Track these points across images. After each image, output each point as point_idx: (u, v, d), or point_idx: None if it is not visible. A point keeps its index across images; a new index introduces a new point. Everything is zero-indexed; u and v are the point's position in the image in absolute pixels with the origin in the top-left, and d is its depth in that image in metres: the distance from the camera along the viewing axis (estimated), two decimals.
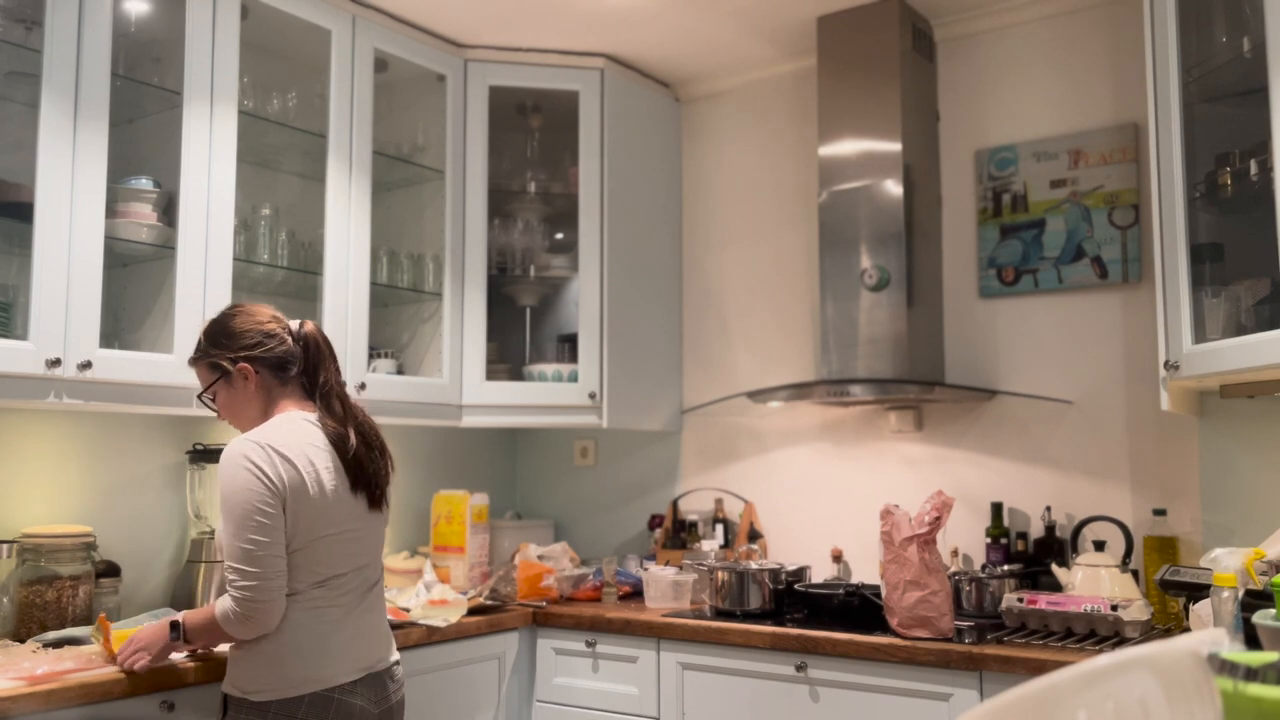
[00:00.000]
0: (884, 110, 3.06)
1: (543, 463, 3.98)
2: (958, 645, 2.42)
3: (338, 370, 2.21)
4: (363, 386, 2.97)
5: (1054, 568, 2.74)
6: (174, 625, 2.09)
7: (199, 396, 2.19)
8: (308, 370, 2.15)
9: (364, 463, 2.11)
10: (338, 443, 2.08)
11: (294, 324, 2.19)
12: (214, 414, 2.20)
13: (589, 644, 2.97)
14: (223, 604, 1.98)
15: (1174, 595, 2.47)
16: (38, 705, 1.97)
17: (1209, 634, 0.75)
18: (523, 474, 4.03)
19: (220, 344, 2.13)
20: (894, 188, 3.02)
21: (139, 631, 2.14)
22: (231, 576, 1.95)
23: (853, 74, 3.13)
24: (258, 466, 1.97)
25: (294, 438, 2.04)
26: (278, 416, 2.10)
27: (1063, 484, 2.97)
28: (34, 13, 2.40)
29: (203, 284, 2.62)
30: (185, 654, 2.23)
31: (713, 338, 3.66)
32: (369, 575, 2.14)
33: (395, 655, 2.20)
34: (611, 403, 3.37)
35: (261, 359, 2.11)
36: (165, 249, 2.60)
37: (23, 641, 2.38)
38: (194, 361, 2.18)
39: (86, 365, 2.35)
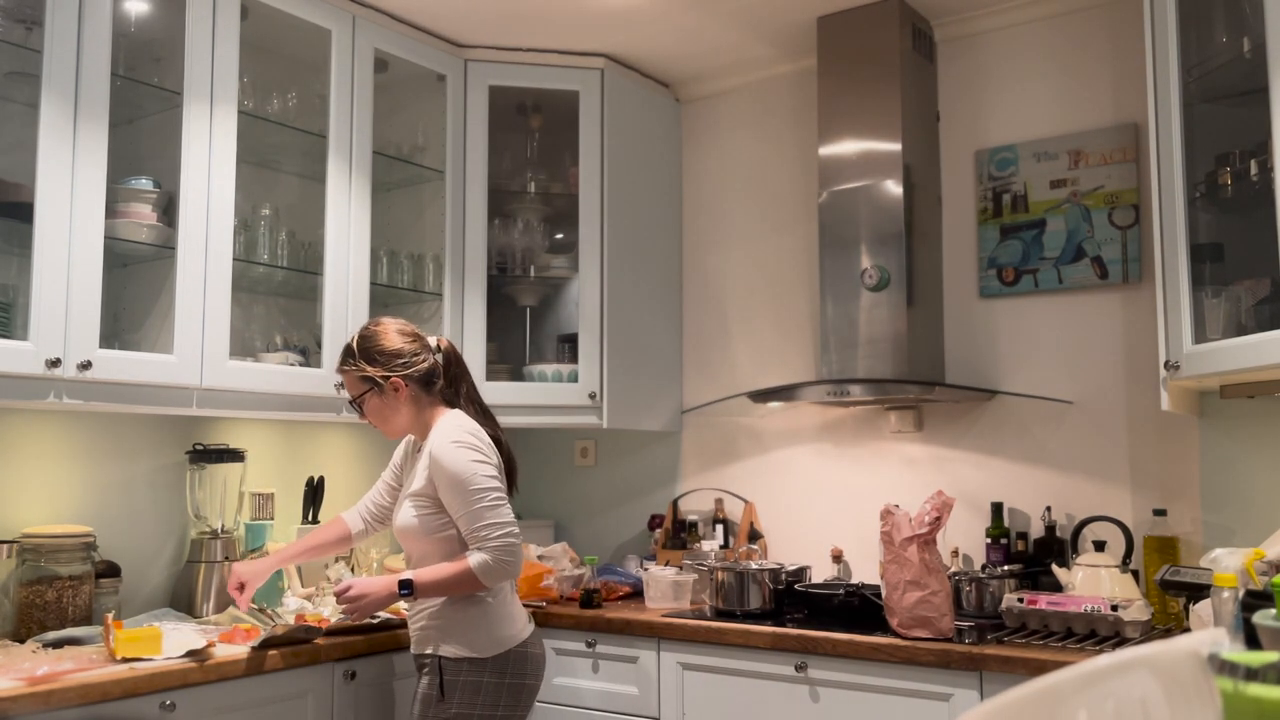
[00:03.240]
0: (884, 110, 3.06)
1: (543, 463, 3.98)
2: (958, 645, 2.42)
3: (473, 382, 2.53)
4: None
5: (1054, 568, 2.74)
6: (404, 584, 2.29)
7: (350, 403, 2.45)
8: (450, 382, 2.45)
9: (513, 460, 2.49)
10: (498, 442, 2.42)
11: (432, 340, 2.47)
12: (360, 418, 2.47)
13: (589, 644, 2.97)
14: (476, 557, 2.25)
15: (1174, 595, 2.47)
16: (38, 705, 1.97)
17: (1209, 634, 0.75)
18: (523, 474, 4.01)
19: (373, 359, 2.39)
20: (894, 188, 3.02)
21: (358, 581, 2.33)
22: (485, 532, 2.25)
23: (853, 74, 3.13)
24: (476, 448, 2.31)
25: (481, 431, 2.38)
26: (454, 418, 2.39)
27: (1063, 484, 2.97)
28: (34, 13, 2.40)
29: (203, 284, 2.62)
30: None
31: (713, 338, 3.66)
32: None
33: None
34: (611, 403, 3.37)
35: (411, 374, 2.38)
36: (165, 249, 2.60)
37: (23, 641, 2.38)
38: (345, 372, 2.45)
39: (86, 365, 2.35)
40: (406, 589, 2.28)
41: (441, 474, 2.29)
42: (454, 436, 2.32)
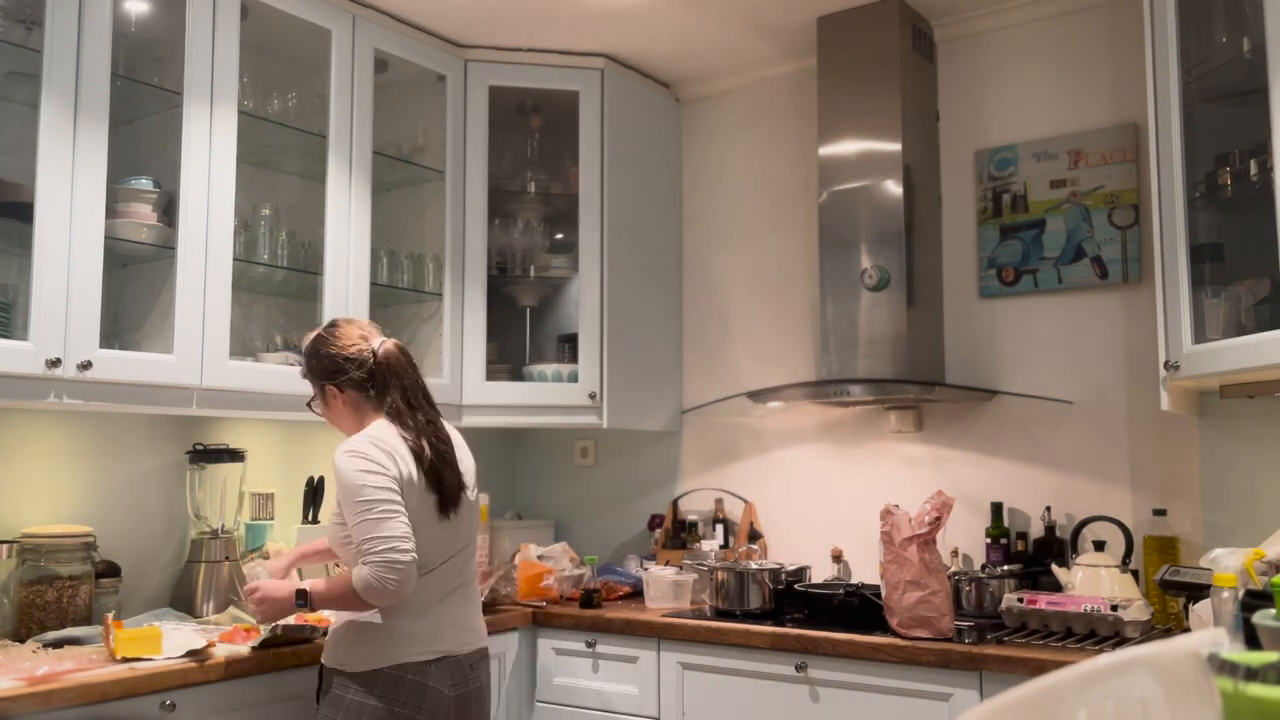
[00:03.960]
0: (884, 110, 3.06)
1: (543, 463, 3.98)
2: (958, 645, 2.42)
3: (413, 386, 2.32)
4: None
5: (1054, 568, 2.74)
6: (300, 594, 2.19)
7: (307, 404, 2.41)
8: (379, 388, 2.29)
9: (440, 473, 2.25)
10: (417, 453, 2.24)
11: (376, 342, 2.32)
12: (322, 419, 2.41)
13: (589, 644, 2.97)
14: (359, 573, 2.09)
15: (1174, 595, 2.47)
16: (38, 705, 1.97)
17: (1209, 634, 0.75)
18: (523, 474, 4.03)
19: (313, 369, 2.34)
20: (894, 188, 3.02)
21: (266, 584, 2.25)
22: (367, 546, 2.09)
23: (853, 74, 3.13)
24: (369, 457, 2.15)
25: (390, 441, 2.21)
26: (370, 426, 2.26)
27: (1063, 484, 2.97)
28: (34, 13, 2.40)
29: (203, 284, 2.62)
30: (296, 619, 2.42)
31: (713, 338, 3.66)
32: (449, 574, 2.27)
33: (482, 644, 2.35)
34: (611, 403, 3.37)
35: (345, 382, 2.29)
36: (165, 249, 2.60)
37: (23, 641, 2.38)
38: (302, 375, 2.40)
39: (86, 365, 2.35)
40: (302, 600, 2.19)
41: (336, 485, 2.17)
42: (347, 446, 2.18)
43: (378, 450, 2.17)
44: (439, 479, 2.24)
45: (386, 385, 2.29)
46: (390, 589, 2.08)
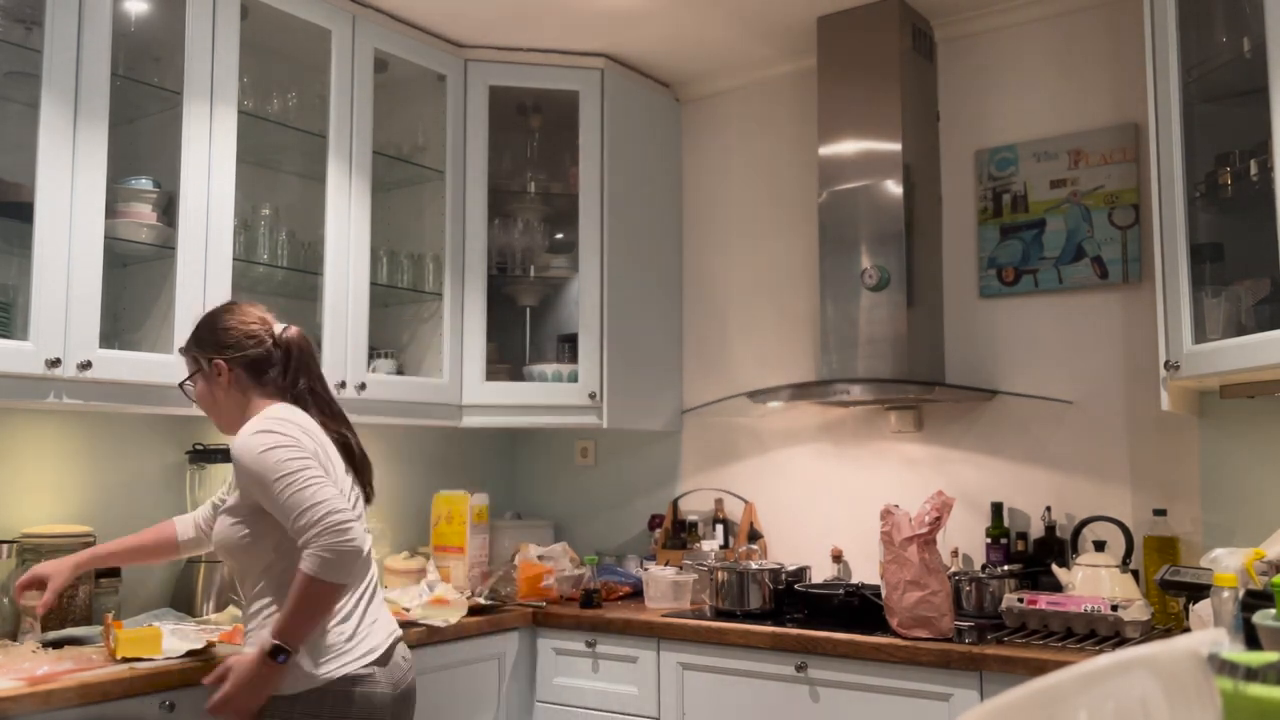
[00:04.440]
0: (884, 110, 3.06)
1: (543, 463, 3.97)
2: (958, 645, 2.42)
3: (321, 376, 2.23)
4: (362, 387, 2.97)
5: (1054, 568, 2.74)
6: (276, 651, 1.92)
7: (180, 385, 2.24)
8: (286, 374, 2.17)
9: (364, 466, 2.19)
10: (343, 445, 2.15)
11: (279, 327, 2.21)
12: (192, 403, 2.23)
13: (589, 644, 2.97)
14: (306, 558, 1.91)
15: (1174, 595, 2.47)
16: (38, 705, 1.97)
17: (1209, 634, 0.75)
18: (523, 474, 4.03)
19: (202, 340, 2.18)
20: (894, 188, 3.02)
21: (232, 680, 1.97)
22: (303, 520, 1.91)
23: (853, 74, 3.13)
24: (282, 432, 2.00)
25: (300, 421, 2.08)
26: (270, 408, 2.10)
27: (1063, 484, 2.97)
28: (34, 13, 2.40)
29: (203, 284, 2.62)
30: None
31: (713, 338, 3.66)
32: (373, 569, 2.17)
33: (399, 632, 2.19)
34: (611, 403, 3.37)
35: (238, 359, 2.14)
36: (165, 249, 2.60)
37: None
38: (181, 352, 2.25)
39: (86, 365, 2.35)
40: (281, 652, 1.93)
41: (242, 472, 2.00)
42: (253, 426, 2.01)
43: (291, 425, 2.02)
44: (361, 471, 2.17)
45: (298, 369, 2.17)
46: (348, 550, 1.90)
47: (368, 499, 2.19)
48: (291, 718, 1.98)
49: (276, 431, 2.00)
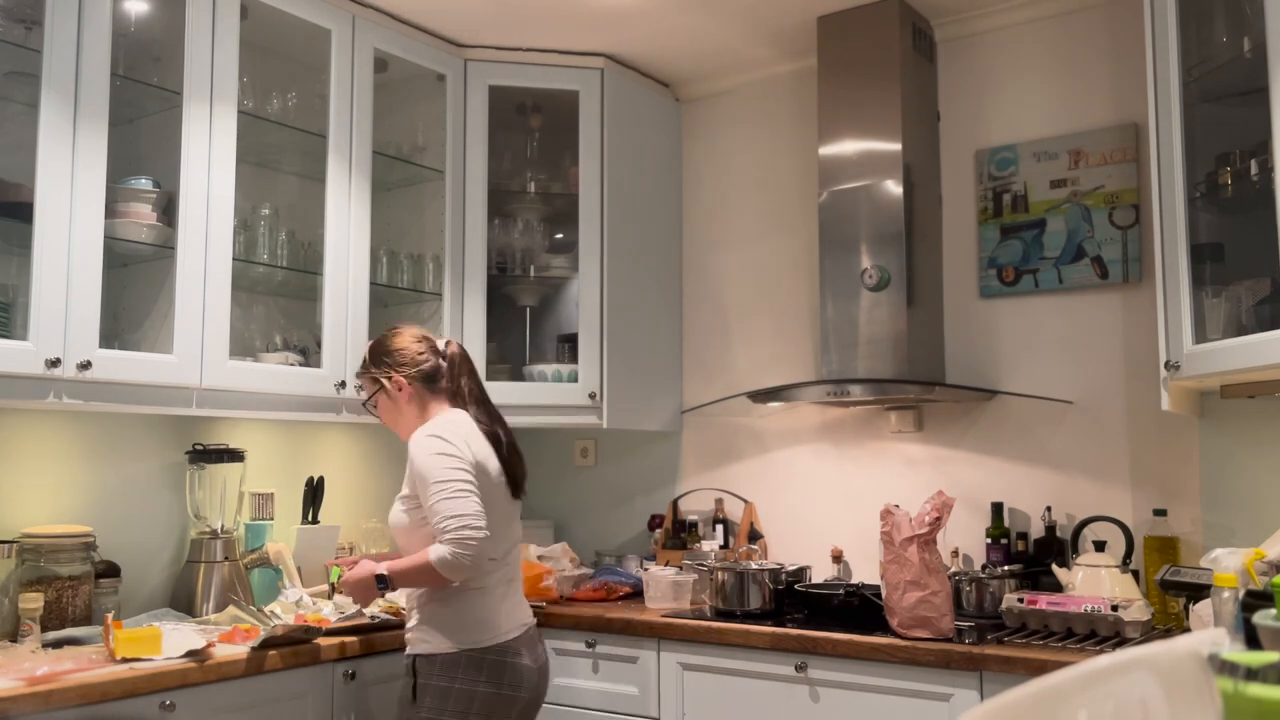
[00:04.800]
0: (884, 110, 3.06)
1: (543, 463, 3.97)
2: (958, 645, 2.42)
3: (479, 382, 2.55)
4: (363, 387, 2.96)
5: (1054, 568, 2.74)
6: (380, 579, 2.33)
7: (364, 404, 2.56)
8: (453, 380, 2.49)
9: (513, 457, 2.46)
10: (493, 439, 2.43)
11: (441, 344, 2.53)
12: (377, 419, 2.56)
13: (589, 644, 2.97)
14: (435, 550, 2.24)
15: (1174, 595, 2.47)
16: (38, 705, 1.97)
17: (1209, 634, 0.75)
18: None
19: (379, 361, 2.49)
20: (894, 188, 3.02)
21: (347, 577, 2.39)
22: (443, 524, 2.24)
23: (853, 74, 3.13)
24: (446, 438, 2.32)
25: (464, 428, 2.39)
26: (440, 415, 2.43)
27: (1063, 484, 2.97)
28: (34, 13, 2.40)
29: (203, 284, 2.62)
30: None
31: (713, 338, 3.66)
32: (517, 551, 2.50)
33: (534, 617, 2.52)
34: (611, 403, 3.37)
35: (414, 374, 2.45)
36: (165, 249, 2.60)
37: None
38: (359, 375, 2.58)
39: (86, 365, 2.35)
40: (383, 583, 2.32)
41: (411, 468, 2.34)
42: (427, 430, 2.35)
43: (454, 433, 2.33)
44: (512, 464, 2.44)
45: (460, 376, 2.50)
46: (465, 564, 2.22)
47: (517, 486, 2.46)
48: (455, 676, 2.28)
49: (440, 438, 2.31)
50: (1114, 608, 2.44)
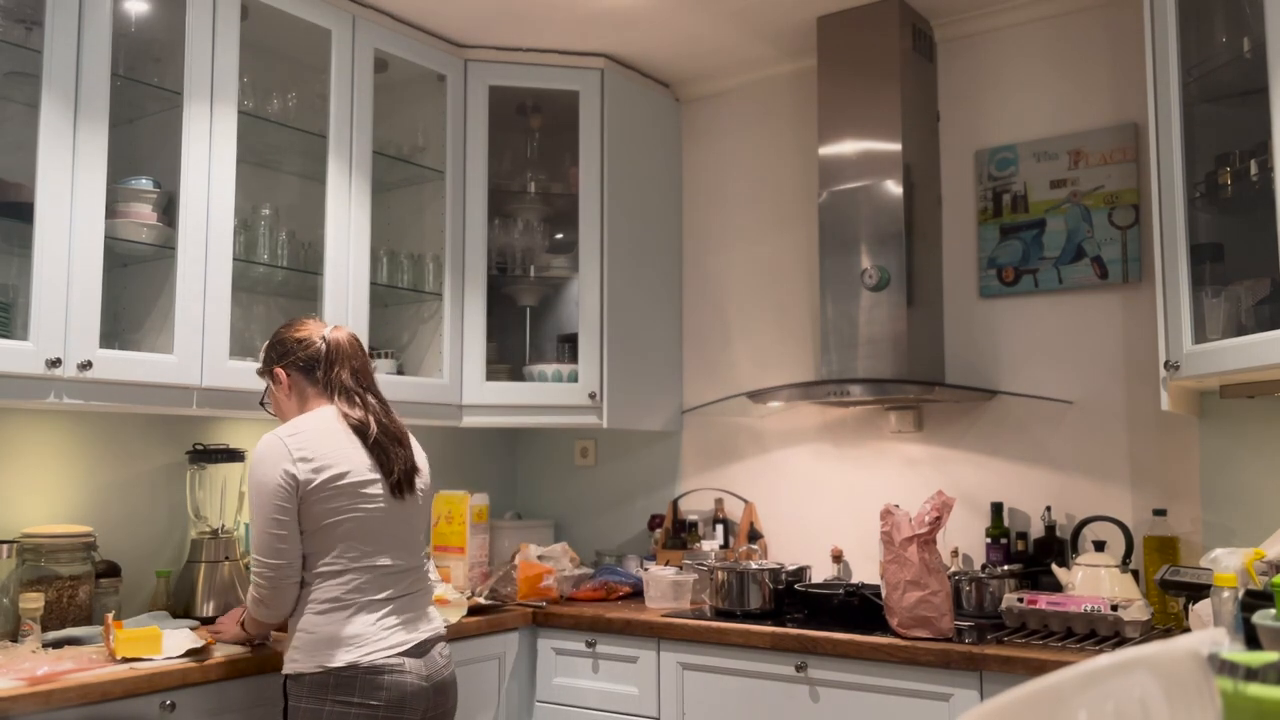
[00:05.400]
0: (884, 110, 3.06)
1: (543, 463, 3.97)
2: (958, 645, 2.42)
3: (362, 370, 2.35)
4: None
5: (1054, 568, 2.74)
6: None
7: (260, 403, 2.46)
8: (328, 371, 2.31)
9: (386, 450, 2.25)
10: (360, 431, 2.24)
11: (326, 330, 2.36)
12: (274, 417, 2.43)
13: (589, 644, 2.97)
14: (249, 591, 2.22)
15: (1174, 595, 2.47)
16: (38, 705, 1.97)
17: (1209, 634, 0.75)
18: (523, 474, 4.03)
19: (268, 355, 2.38)
20: (894, 188, 3.02)
21: (223, 637, 2.40)
22: (253, 565, 2.18)
23: (853, 74, 3.13)
24: (262, 455, 2.18)
25: (315, 430, 2.22)
26: (307, 413, 2.28)
27: (1063, 484, 2.97)
28: (34, 13, 2.40)
29: (203, 284, 2.62)
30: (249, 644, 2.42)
31: (713, 338, 3.66)
32: (409, 556, 2.28)
33: (440, 630, 2.33)
34: (611, 403, 3.37)
35: (292, 363, 2.32)
36: (165, 249, 2.60)
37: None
38: (257, 371, 2.45)
39: (86, 365, 2.35)
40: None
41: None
42: (261, 441, 2.20)
43: (283, 446, 2.17)
44: (387, 456, 2.24)
45: (333, 365, 2.31)
46: (261, 605, 2.19)
47: (400, 485, 2.25)
48: (324, 698, 2.12)
49: (262, 458, 2.18)
50: (1114, 608, 2.44)
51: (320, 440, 2.19)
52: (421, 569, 2.32)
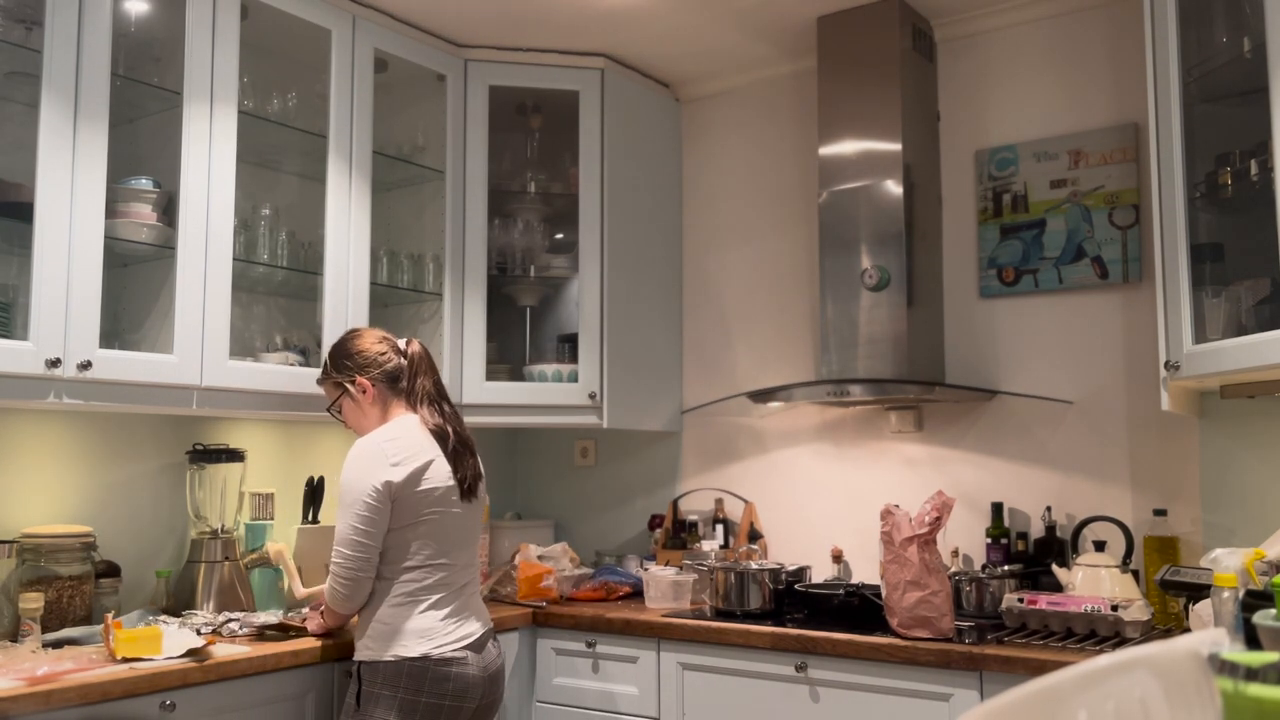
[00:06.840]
0: (884, 110, 3.06)
1: (543, 463, 3.98)
2: (958, 645, 2.42)
3: (438, 381, 2.55)
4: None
5: (1054, 568, 2.74)
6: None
7: (327, 409, 2.57)
8: (410, 381, 2.50)
9: (461, 457, 2.44)
10: (439, 435, 2.42)
11: (401, 343, 2.55)
12: (342, 424, 2.56)
13: (589, 644, 2.97)
14: (328, 583, 2.37)
15: (1174, 595, 2.47)
16: (38, 705, 1.97)
17: (1209, 634, 0.75)
18: (523, 474, 4.03)
19: (341, 365, 2.51)
20: (894, 188, 3.02)
21: (312, 630, 2.52)
22: (333, 554, 2.34)
23: (853, 74, 3.13)
24: (360, 456, 2.35)
25: (409, 437, 2.38)
26: (392, 421, 2.45)
27: (1063, 484, 2.97)
28: (34, 13, 2.40)
29: (203, 284, 2.62)
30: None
31: (713, 338, 3.66)
32: (469, 556, 2.46)
33: (490, 624, 2.51)
34: (611, 403, 3.37)
35: (377, 375, 2.48)
36: (165, 249, 2.60)
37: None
38: (321, 381, 2.59)
39: (86, 365, 2.35)
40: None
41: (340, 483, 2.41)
42: (358, 444, 2.38)
43: (379, 450, 2.35)
44: (461, 463, 2.42)
45: (416, 375, 2.50)
46: (337, 602, 2.34)
47: (467, 489, 2.43)
48: (399, 686, 2.28)
49: (360, 456, 2.35)
50: (1114, 608, 2.44)
51: (413, 446, 2.37)
52: (476, 568, 2.50)
